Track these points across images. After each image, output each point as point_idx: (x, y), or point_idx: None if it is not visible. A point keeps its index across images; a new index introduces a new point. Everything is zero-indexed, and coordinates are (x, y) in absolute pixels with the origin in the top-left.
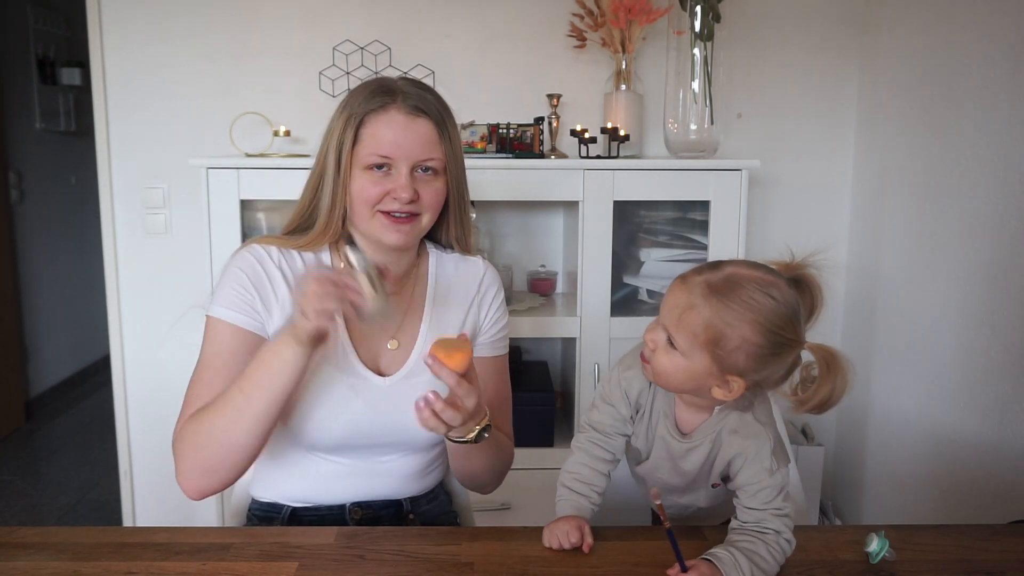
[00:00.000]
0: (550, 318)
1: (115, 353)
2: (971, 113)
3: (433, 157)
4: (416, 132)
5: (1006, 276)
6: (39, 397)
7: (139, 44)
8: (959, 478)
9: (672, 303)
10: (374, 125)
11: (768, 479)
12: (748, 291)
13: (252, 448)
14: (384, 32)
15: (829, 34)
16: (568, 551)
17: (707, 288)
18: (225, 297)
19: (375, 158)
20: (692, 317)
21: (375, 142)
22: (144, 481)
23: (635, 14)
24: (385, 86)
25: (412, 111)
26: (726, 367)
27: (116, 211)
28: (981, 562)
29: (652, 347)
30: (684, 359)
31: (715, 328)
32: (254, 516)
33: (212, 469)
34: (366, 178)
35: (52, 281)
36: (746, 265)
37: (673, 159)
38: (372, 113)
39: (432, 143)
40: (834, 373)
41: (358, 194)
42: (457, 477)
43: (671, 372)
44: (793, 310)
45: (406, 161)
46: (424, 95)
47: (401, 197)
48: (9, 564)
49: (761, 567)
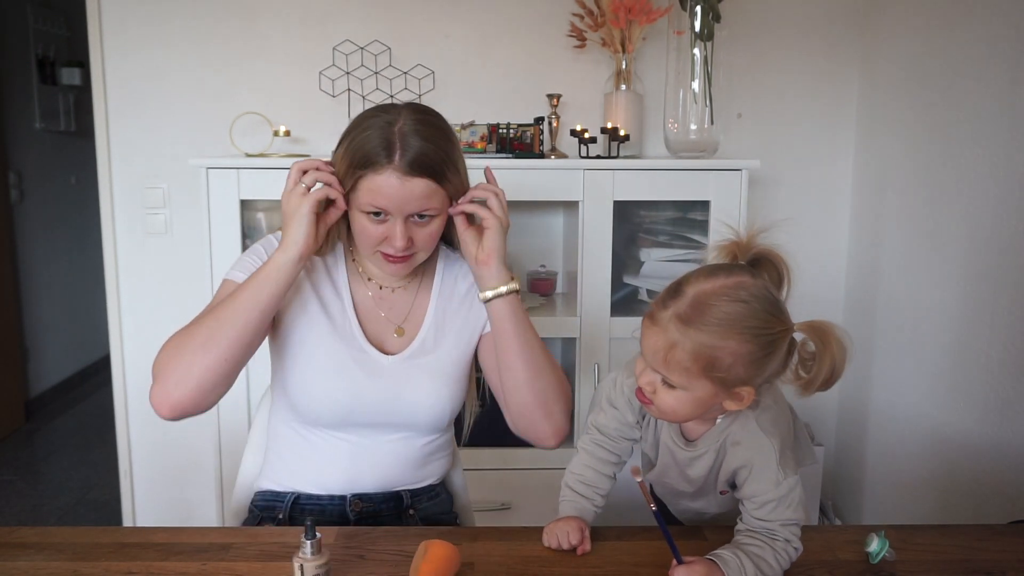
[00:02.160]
0: (550, 318)
1: (115, 353)
2: (970, 113)
3: (428, 208)
4: (411, 190)
5: (1005, 276)
6: (39, 397)
7: (139, 44)
8: (959, 478)
9: (652, 347)
10: (371, 180)
11: (774, 491)
12: (719, 307)
13: (231, 357)
14: (384, 32)
15: (829, 34)
16: (567, 551)
17: (679, 321)
18: (241, 263)
19: (371, 208)
20: (677, 354)
21: (371, 196)
22: (144, 481)
23: (635, 14)
24: (387, 139)
25: (408, 171)
26: (729, 383)
27: (116, 211)
28: (981, 562)
29: (651, 389)
30: (686, 392)
31: (704, 355)
32: (256, 508)
33: (188, 374)
34: (365, 220)
35: (52, 281)
36: (705, 276)
37: (673, 159)
38: (370, 169)
39: (427, 196)
40: (830, 345)
41: (359, 232)
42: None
43: (678, 407)
44: (768, 301)
45: (400, 214)
46: (425, 147)
47: (396, 246)
48: (9, 564)
49: (766, 572)
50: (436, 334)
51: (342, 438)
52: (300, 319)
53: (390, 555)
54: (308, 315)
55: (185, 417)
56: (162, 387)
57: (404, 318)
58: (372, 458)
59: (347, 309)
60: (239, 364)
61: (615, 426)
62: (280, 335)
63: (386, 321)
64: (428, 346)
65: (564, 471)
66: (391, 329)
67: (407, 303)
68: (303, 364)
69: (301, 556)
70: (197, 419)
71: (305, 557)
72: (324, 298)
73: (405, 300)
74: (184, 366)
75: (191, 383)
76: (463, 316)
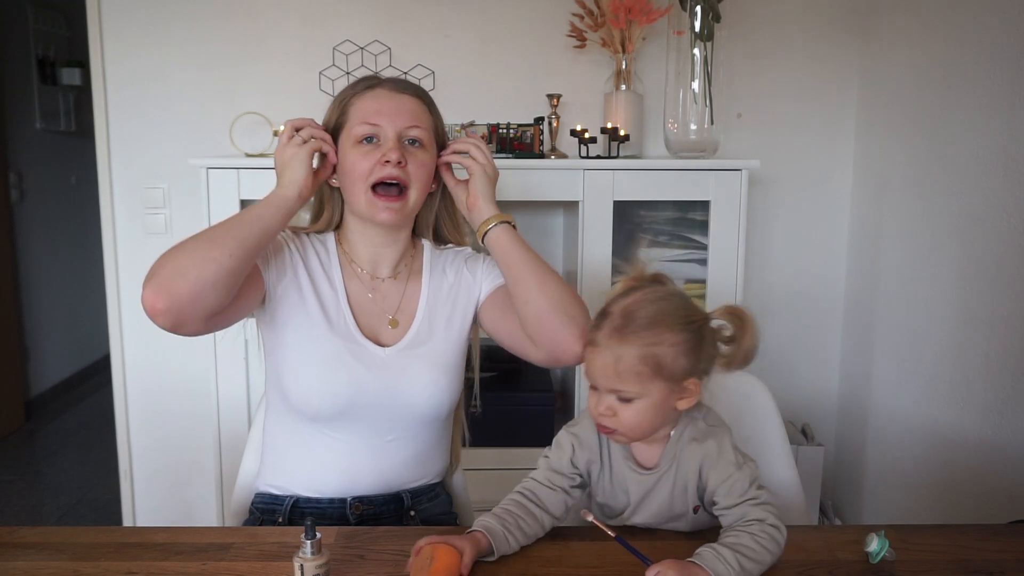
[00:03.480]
0: None
1: (115, 353)
2: (971, 113)
3: (418, 125)
4: (402, 102)
5: (1006, 276)
6: (39, 397)
7: (139, 44)
8: (959, 478)
9: (601, 368)
10: (361, 102)
11: (737, 472)
12: (644, 311)
13: (234, 255)
14: (384, 32)
15: (829, 34)
16: (565, 552)
17: (616, 334)
18: None
19: (363, 128)
20: (626, 363)
21: (361, 114)
22: (144, 481)
23: (635, 14)
24: (371, 75)
25: (397, 88)
26: (677, 377)
27: (116, 211)
28: (981, 562)
29: (610, 412)
30: (644, 400)
31: (649, 356)
32: (256, 510)
33: (188, 265)
34: (356, 152)
35: (52, 281)
36: (622, 295)
37: (673, 159)
38: (359, 93)
39: (417, 114)
40: (746, 323)
41: (350, 171)
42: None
43: (640, 419)
44: (681, 296)
45: (392, 126)
46: (408, 81)
47: (391, 157)
48: (9, 564)
49: (750, 556)
50: (430, 324)
51: (339, 438)
52: (298, 313)
53: (390, 555)
54: (305, 309)
55: (181, 325)
56: (157, 281)
57: (397, 308)
58: (370, 458)
59: (341, 302)
60: (237, 270)
61: (565, 462)
62: (276, 329)
63: (380, 313)
64: (423, 336)
65: None
66: (384, 321)
67: (398, 293)
68: (301, 358)
69: (301, 556)
70: (197, 419)
71: (305, 557)
72: (320, 292)
73: (396, 290)
74: (183, 258)
75: (190, 274)
76: (452, 302)
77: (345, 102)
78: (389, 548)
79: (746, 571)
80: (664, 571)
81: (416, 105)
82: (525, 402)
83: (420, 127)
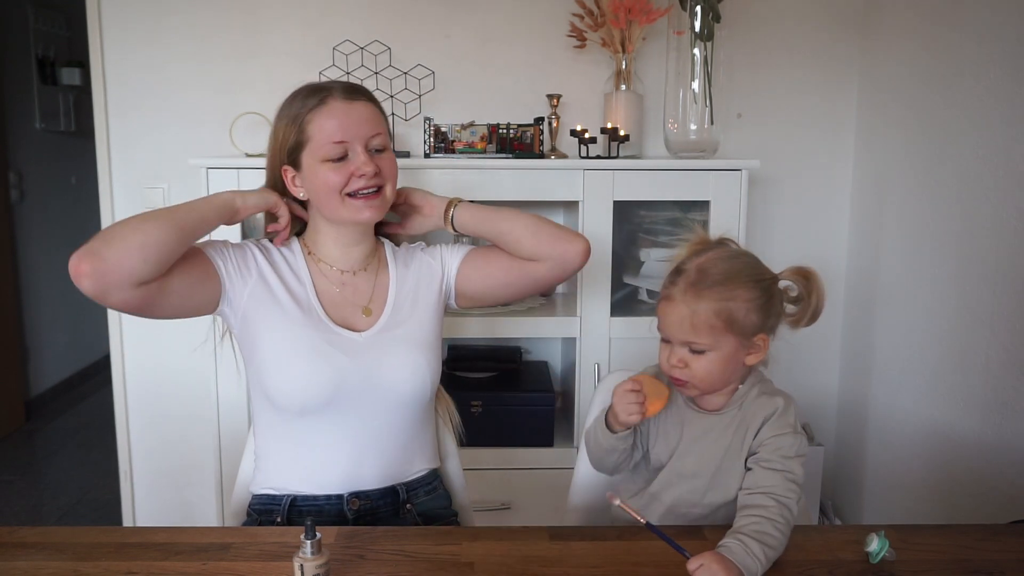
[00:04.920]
0: (550, 318)
1: (115, 353)
2: (970, 113)
3: (379, 132)
4: (358, 112)
5: (1005, 276)
6: (39, 397)
7: (139, 44)
8: (959, 478)
9: (676, 320)
10: (319, 119)
11: (792, 435)
12: (718, 268)
13: (152, 237)
14: (384, 32)
15: (829, 34)
16: (575, 543)
17: (692, 289)
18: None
19: (331, 147)
20: (701, 316)
21: (324, 132)
22: (144, 481)
23: (635, 14)
24: (313, 86)
25: (347, 96)
26: (747, 333)
27: (116, 211)
28: (981, 562)
29: (683, 364)
30: (716, 352)
31: (723, 309)
32: (254, 512)
33: (106, 239)
34: (327, 169)
35: (52, 281)
36: (695, 254)
37: (673, 159)
38: (313, 110)
39: (375, 120)
40: (813, 282)
41: (323, 186)
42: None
43: (711, 370)
44: (750, 255)
45: (359, 140)
46: (352, 83)
47: (366, 172)
48: (9, 564)
49: (772, 545)
50: (403, 308)
51: (327, 431)
52: (271, 310)
53: (390, 555)
54: (279, 305)
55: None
56: (84, 247)
57: (369, 299)
58: (360, 447)
59: (311, 297)
60: (165, 243)
61: None
62: (251, 330)
63: (352, 305)
64: (398, 319)
65: (564, 471)
66: (357, 311)
67: (369, 285)
68: (280, 355)
69: (301, 556)
70: (197, 420)
71: (305, 557)
72: (291, 287)
73: (367, 282)
74: (113, 228)
75: (115, 240)
76: (421, 288)
77: (301, 119)
78: (389, 548)
79: (768, 560)
80: (708, 564)
81: (371, 110)
82: (525, 402)
83: (381, 132)
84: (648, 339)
